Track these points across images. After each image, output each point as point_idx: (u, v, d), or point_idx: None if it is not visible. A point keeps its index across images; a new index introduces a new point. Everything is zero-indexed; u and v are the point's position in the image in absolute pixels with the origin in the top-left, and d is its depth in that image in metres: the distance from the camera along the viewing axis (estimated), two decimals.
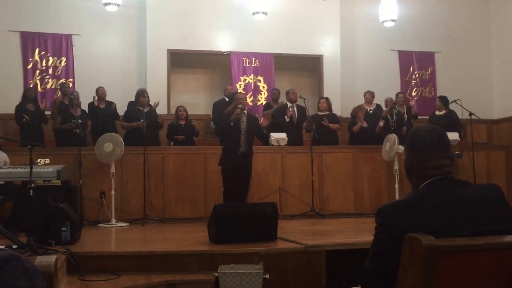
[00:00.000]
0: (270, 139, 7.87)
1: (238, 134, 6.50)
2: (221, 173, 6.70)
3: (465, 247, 1.76)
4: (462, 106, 7.99)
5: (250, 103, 9.59)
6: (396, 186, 7.60)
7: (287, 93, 8.54)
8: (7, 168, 5.94)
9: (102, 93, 8.33)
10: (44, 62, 9.35)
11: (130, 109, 8.07)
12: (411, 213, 1.88)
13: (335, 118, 8.60)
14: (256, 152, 6.99)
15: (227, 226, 4.69)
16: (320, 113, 8.46)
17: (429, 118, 8.90)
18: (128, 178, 7.33)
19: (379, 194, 7.94)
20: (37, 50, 9.33)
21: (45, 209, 5.19)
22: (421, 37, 10.75)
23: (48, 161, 6.64)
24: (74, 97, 7.74)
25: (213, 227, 4.80)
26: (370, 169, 8.03)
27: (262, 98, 10.03)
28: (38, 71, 9.32)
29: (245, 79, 10.02)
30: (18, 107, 7.98)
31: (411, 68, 10.82)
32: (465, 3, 11.09)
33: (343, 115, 9.56)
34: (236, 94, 7.05)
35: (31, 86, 8.94)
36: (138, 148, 7.22)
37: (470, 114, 7.92)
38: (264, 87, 10.08)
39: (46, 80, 9.35)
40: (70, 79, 9.35)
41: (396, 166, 7.59)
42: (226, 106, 8.08)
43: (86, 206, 7.07)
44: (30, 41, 9.33)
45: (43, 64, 9.35)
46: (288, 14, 10.08)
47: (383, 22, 10.07)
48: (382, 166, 8.02)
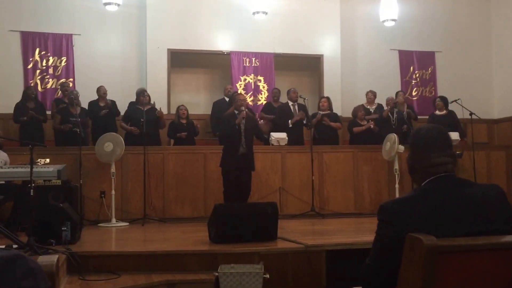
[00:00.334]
0: (270, 139, 7.88)
1: (238, 135, 6.51)
2: (221, 173, 6.71)
3: (466, 247, 1.76)
4: (462, 106, 8.00)
5: (250, 103, 9.59)
6: (396, 186, 7.60)
7: (288, 92, 8.56)
8: (7, 167, 5.94)
9: (103, 92, 8.36)
10: (44, 62, 9.33)
11: (130, 108, 8.09)
12: (413, 211, 1.88)
13: (336, 117, 8.61)
14: (256, 152, 7.00)
15: (227, 226, 4.69)
16: (320, 112, 8.46)
17: (428, 118, 8.89)
18: (128, 178, 7.33)
19: (379, 194, 7.93)
20: (37, 50, 9.31)
21: (45, 208, 5.19)
22: (421, 36, 10.73)
23: (48, 160, 6.64)
24: (74, 96, 7.74)
25: (213, 227, 4.80)
26: (370, 169, 8.03)
27: (262, 97, 10.01)
28: (38, 71, 9.31)
29: (245, 79, 10.01)
30: (18, 105, 7.99)
31: (412, 67, 10.80)
32: (465, 3, 11.08)
33: (344, 115, 9.55)
34: (235, 95, 7.05)
35: (32, 85, 8.94)
36: (138, 147, 7.23)
37: (471, 114, 7.93)
38: (264, 87, 10.06)
39: (47, 80, 9.33)
40: (71, 79, 9.34)
41: (396, 166, 7.59)
42: (226, 106, 8.08)
43: (86, 206, 7.08)
44: (31, 41, 9.31)
45: (44, 64, 9.34)
46: (288, 14, 10.06)
47: (384, 21, 10.05)
48: (382, 166, 8.02)
